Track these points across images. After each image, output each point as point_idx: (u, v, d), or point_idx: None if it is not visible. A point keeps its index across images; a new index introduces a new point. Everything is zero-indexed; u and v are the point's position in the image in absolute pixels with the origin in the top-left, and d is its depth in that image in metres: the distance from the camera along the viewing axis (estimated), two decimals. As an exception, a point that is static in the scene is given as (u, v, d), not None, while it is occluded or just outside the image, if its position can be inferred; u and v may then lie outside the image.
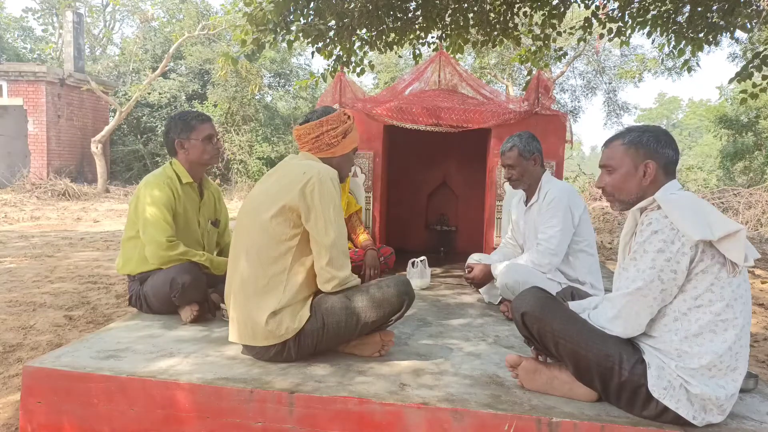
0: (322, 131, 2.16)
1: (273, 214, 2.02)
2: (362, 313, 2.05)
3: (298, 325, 2.03)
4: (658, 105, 45.50)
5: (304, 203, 2.00)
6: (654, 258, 1.59)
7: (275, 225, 2.02)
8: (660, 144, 1.73)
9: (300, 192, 2.00)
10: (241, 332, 2.08)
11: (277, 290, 2.02)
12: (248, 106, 17.94)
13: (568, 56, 16.70)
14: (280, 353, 2.07)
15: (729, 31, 5.65)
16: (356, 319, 2.06)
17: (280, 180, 2.11)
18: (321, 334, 2.06)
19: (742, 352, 1.63)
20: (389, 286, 2.09)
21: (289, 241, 2.03)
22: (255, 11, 5.05)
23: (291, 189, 2.02)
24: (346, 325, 2.06)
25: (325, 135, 2.16)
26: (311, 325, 2.05)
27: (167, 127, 2.77)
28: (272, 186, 2.11)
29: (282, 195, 2.03)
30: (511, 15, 6.32)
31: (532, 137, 2.94)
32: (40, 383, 1.97)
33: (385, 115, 3.99)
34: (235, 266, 2.13)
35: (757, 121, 16.11)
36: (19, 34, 26.61)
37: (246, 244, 2.09)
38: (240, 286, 2.08)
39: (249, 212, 2.13)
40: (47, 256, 5.96)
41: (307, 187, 2.00)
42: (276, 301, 2.01)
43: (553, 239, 2.77)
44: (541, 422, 1.70)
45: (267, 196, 2.09)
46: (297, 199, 2.00)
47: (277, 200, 2.03)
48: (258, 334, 2.04)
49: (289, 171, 2.11)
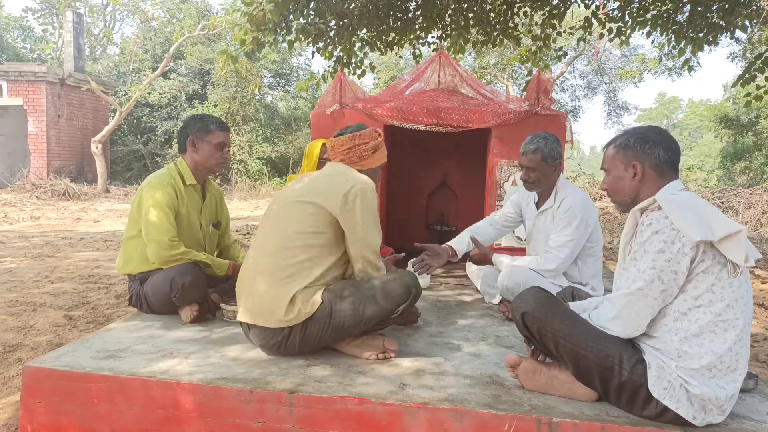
0: (355, 144, 2.29)
1: (310, 211, 2.11)
2: (370, 300, 2.10)
3: (309, 310, 2.06)
4: (658, 105, 45.52)
5: (345, 208, 2.10)
6: (654, 258, 1.59)
7: (310, 218, 2.11)
8: (648, 145, 1.75)
9: (343, 197, 2.10)
10: (254, 312, 2.10)
11: (300, 277, 2.08)
12: (248, 106, 17.95)
13: (568, 56, 16.69)
14: (284, 340, 2.09)
15: (729, 31, 5.65)
16: (363, 308, 2.09)
17: (320, 180, 2.22)
18: (328, 322, 2.08)
19: (743, 352, 1.63)
20: (397, 279, 2.17)
21: (320, 234, 2.12)
22: (255, 11, 5.04)
23: (333, 192, 2.12)
24: (354, 313, 2.08)
25: (357, 148, 2.29)
26: (320, 312, 2.07)
27: (185, 123, 2.80)
28: (313, 183, 2.21)
29: (323, 195, 2.13)
30: (511, 15, 6.32)
31: (557, 141, 2.81)
32: (40, 383, 1.97)
33: (385, 115, 3.99)
34: (259, 249, 2.18)
35: (757, 121, 16.12)
36: (19, 34, 26.62)
37: (276, 229, 2.16)
38: (263, 268, 2.11)
39: (285, 200, 2.22)
40: (47, 256, 5.96)
41: (350, 194, 2.11)
42: (297, 287, 2.07)
43: (564, 249, 2.73)
44: (541, 422, 1.70)
45: (307, 190, 2.18)
46: (337, 203, 2.10)
47: (316, 197, 2.13)
48: (273, 315, 2.06)
49: (331, 174, 2.23)
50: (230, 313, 2.62)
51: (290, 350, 2.12)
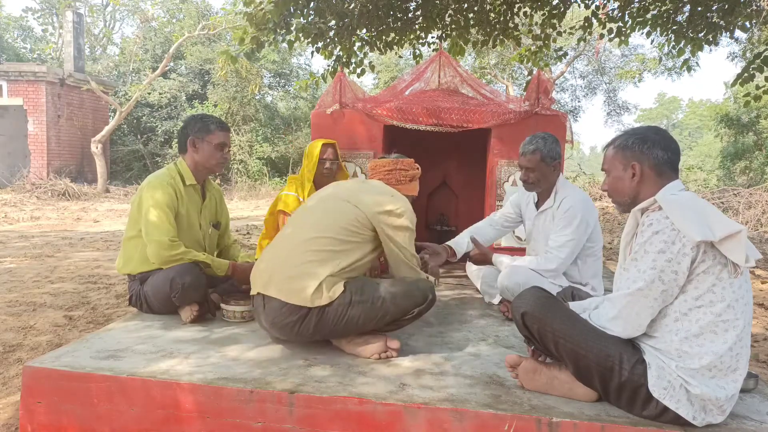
0: (396, 168, 2.51)
1: (352, 213, 2.22)
2: (390, 298, 2.16)
3: (332, 295, 2.11)
4: (658, 105, 45.53)
5: (387, 222, 2.24)
6: (655, 258, 1.59)
7: (351, 218, 2.22)
8: (646, 145, 1.75)
9: (386, 212, 2.24)
10: (281, 287, 2.13)
11: (330, 264, 2.15)
12: (248, 106, 17.94)
13: (568, 56, 16.69)
14: (301, 321, 2.11)
15: (729, 31, 5.65)
16: (382, 302, 2.15)
17: (366, 188, 2.37)
18: (345, 312, 2.12)
19: (743, 352, 1.63)
20: (417, 282, 2.27)
21: (355, 233, 2.22)
22: (255, 11, 5.04)
23: (378, 203, 2.26)
24: (371, 306, 2.14)
25: (397, 172, 2.50)
26: (340, 300, 2.12)
27: (186, 123, 2.80)
28: (361, 189, 2.35)
29: (367, 203, 2.26)
30: (511, 15, 6.32)
31: (556, 141, 2.82)
32: (40, 383, 1.97)
33: (386, 115, 3.99)
34: (297, 229, 2.27)
35: (758, 121, 16.12)
36: (19, 34, 26.61)
37: (315, 216, 2.28)
38: (298, 249, 2.18)
39: (332, 195, 2.35)
40: (47, 256, 5.96)
41: (394, 211, 2.25)
42: (326, 273, 2.13)
43: (563, 249, 2.73)
44: (541, 422, 1.70)
45: (354, 194, 2.30)
46: (380, 216, 2.23)
47: (359, 202, 2.25)
48: (299, 293, 2.10)
49: (377, 187, 2.40)
50: (230, 313, 2.63)
51: (302, 332, 2.14)
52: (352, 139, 4.04)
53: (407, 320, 2.25)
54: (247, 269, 2.76)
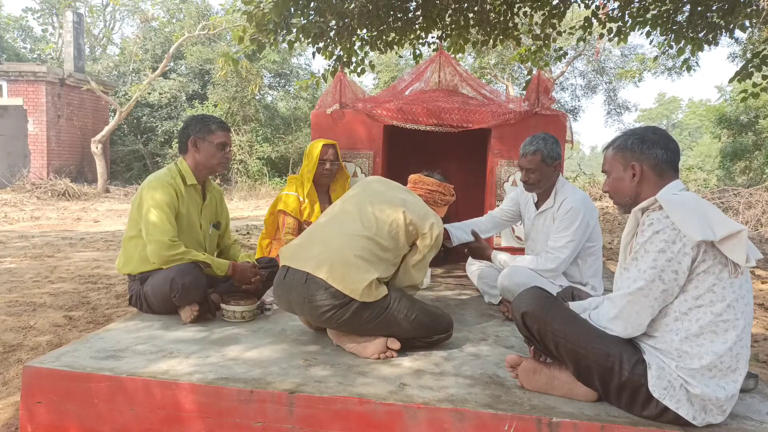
0: (438, 190, 2.64)
1: (408, 226, 2.31)
2: (423, 315, 2.26)
3: (377, 294, 2.16)
4: (658, 105, 45.49)
5: (426, 244, 2.34)
6: (655, 258, 1.59)
7: (405, 231, 2.31)
8: (645, 145, 1.75)
9: (429, 226, 2.34)
10: (332, 271, 2.15)
11: (381, 267, 2.25)
12: (248, 106, 17.94)
13: (568, 56, 16.70)
14: (338, 308, 2.14)
15: (729, 31, 5.66)
16: (415, 317, 2.23)
17: (415, 202, 2.43)
18: (381, 314, 2.17)
19: (743, 352, 1.63)
20: (445, 314, 2.39)
21: (397, 249, 2.33)
22: (254, 11, 5.04)
23: (418, 215, 2.33)
24: (405, 317, 2.21)
25: (437, 194, 2.64)
26: (381, 302, 2.18)
27: (186, 123, 2.80)
28: (411, 201, 2.40)
29: (420, 215, 2.34)
30: (511, 15, 6.32)
31: (556, 142, 2.82)
32: (40, 383, 1.97)
33: (386, 115, 3.99)
34: (351, 217, 2.32)
35: (757, 121, 16.12)
36: (18, 34, 26.61)
37: (367, 215, 2.31)
38: (354, 240, 2.23)
39: (380, 194, 2.41)
40: (47, 256, 5.96)
41: (433, 229, 2.34)
42: (377, 274, 2.20)
43: (564, 250, 2.73)
44: (541, 422, 1.70)
45: (408, 204, 2.37)
46: (425, 233, 2.33)
47: (414, 214, 2.33)
48: (353, 283, 2.13)
49: (421, 203, 2.46)
50: (230, 313, 2.63)
51: (332, 318, 2.16)
52: (352, 139, 4.04)
53: (423, 343, 2.31)
54: (247, 269, 2.76)
